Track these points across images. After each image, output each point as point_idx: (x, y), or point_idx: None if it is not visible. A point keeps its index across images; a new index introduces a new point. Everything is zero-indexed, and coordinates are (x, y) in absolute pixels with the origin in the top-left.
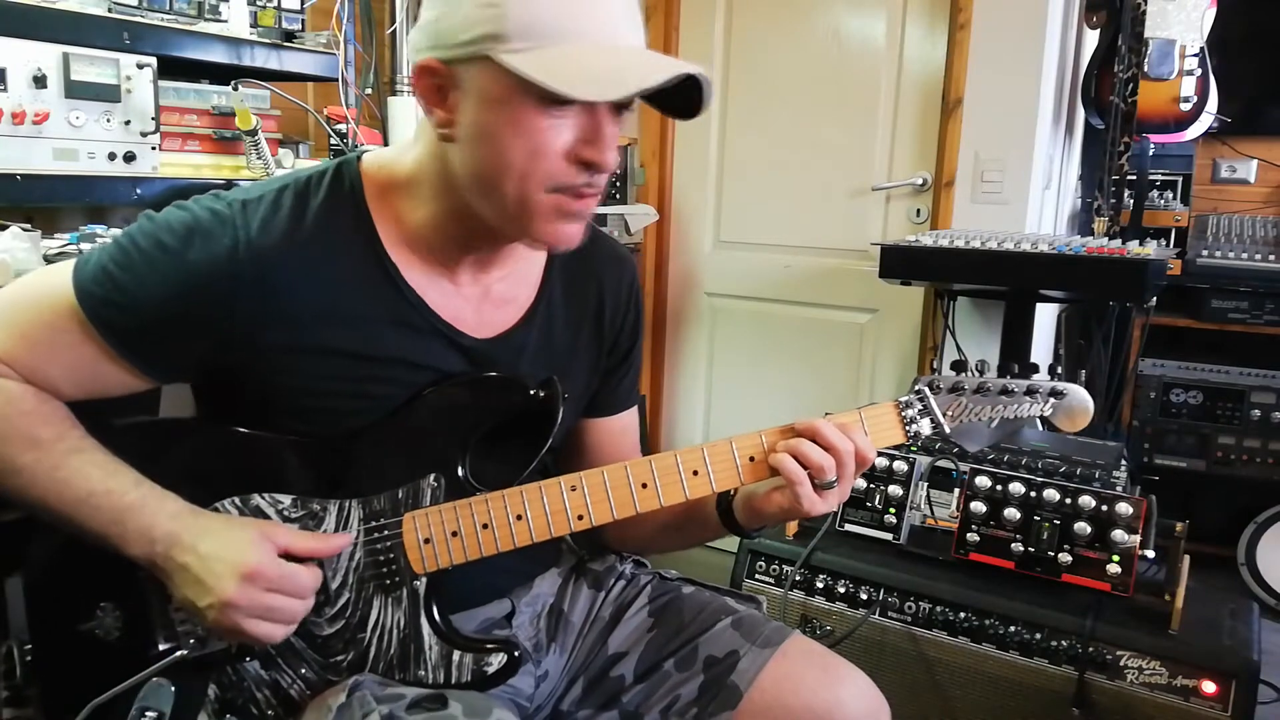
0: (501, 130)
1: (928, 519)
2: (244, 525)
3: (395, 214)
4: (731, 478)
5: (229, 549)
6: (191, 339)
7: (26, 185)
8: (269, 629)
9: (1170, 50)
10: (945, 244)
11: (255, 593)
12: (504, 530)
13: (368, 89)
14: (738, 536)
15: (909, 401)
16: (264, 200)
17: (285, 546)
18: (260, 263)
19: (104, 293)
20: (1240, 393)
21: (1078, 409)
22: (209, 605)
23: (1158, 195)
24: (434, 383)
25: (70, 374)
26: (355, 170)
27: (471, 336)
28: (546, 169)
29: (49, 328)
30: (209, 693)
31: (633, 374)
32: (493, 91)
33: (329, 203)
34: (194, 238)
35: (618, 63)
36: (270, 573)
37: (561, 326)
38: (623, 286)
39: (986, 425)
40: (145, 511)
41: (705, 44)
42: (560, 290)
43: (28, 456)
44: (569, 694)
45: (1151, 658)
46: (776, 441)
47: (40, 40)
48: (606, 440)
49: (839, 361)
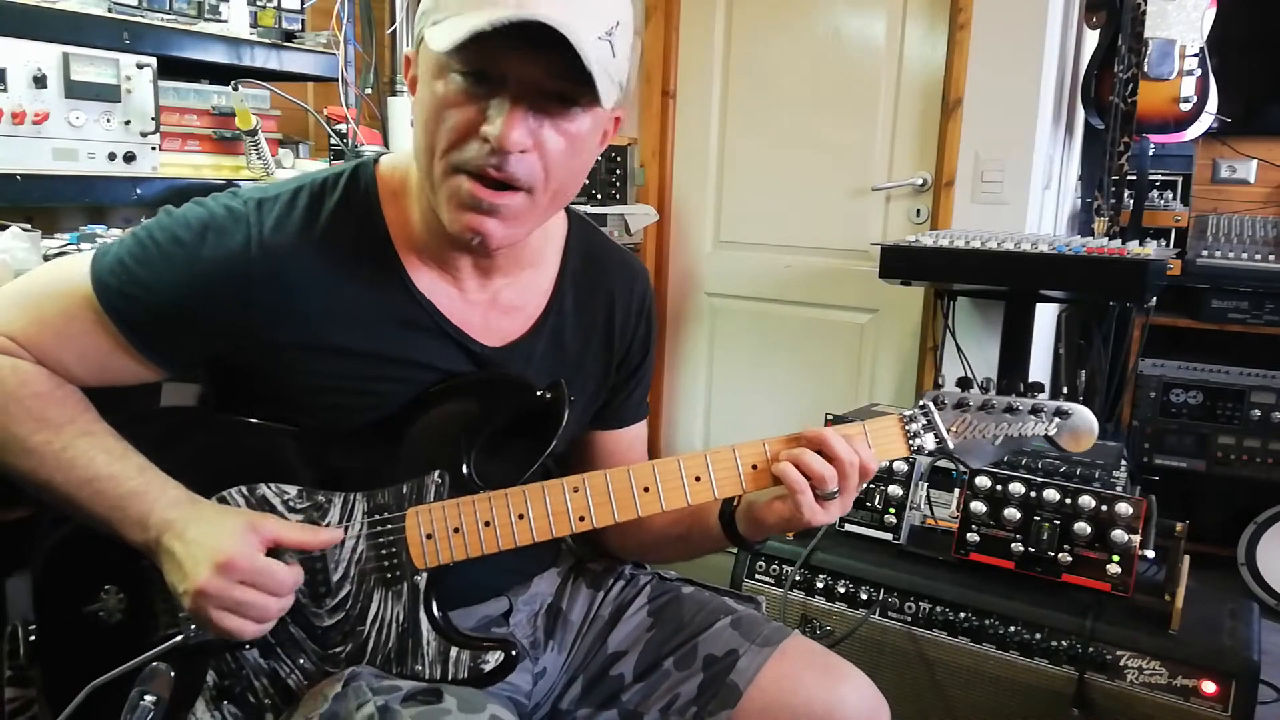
0: (421, 103)
1: (928, 519)
2: (235, 515)
3: (405, 217)
4: (734, 484)
5: (212, 537)
6: (203, 334)
7: (26, 185)
8: (238, 624)
9: (1170, 50)
10: (945, 244)
11: (227, 584)
12: (506, 529)
13: (368, 89)
14: (740, 549)
15: (913, 416)
16: (279, 200)
17: (274, 537)
18: (273, 261)
19: (119, 284)
20: (1240, 393)
21: (1083, 430)
22: (184, 592)
23: (1158, 195)
24: (441, 381)
25: (83, 361)
26: (371, 173)
27: (480, 343)
28: (445, 140)
29: (64, 314)
30: (207, 679)
31: (643, 388)
32: (424, 69)
33: (343, 205)
34: (208, 233)
35: (487, 14)
36: (244, 565)
37: (571, 337)
38: (634, 298)
39: (990, 443)
40: (146, 498)
41: (705, 44)
42: (571, 300)
43: (38, 437)
44: (568, 693)
45: (1151, 658)
46: (780, 450)
47: (40, 40)
48: (615, 453)
49: (839, 361)
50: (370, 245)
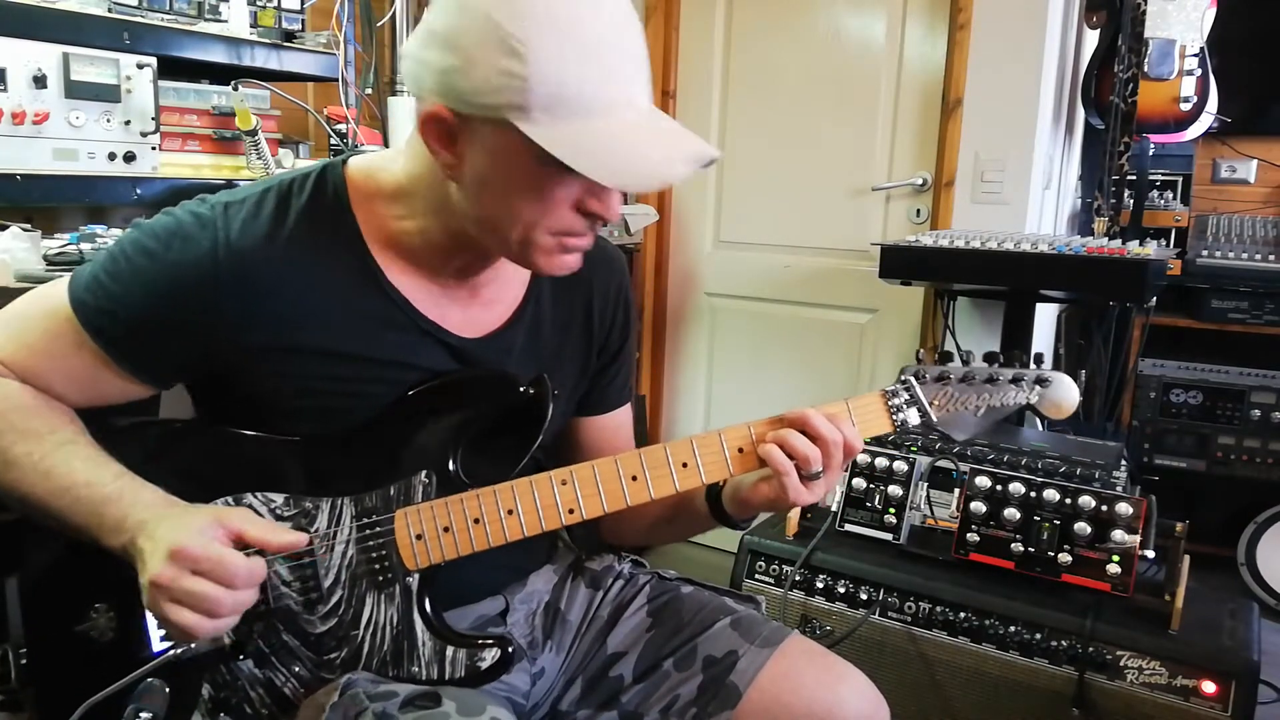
0: (512, 186)
1: (928, 519)
2: (203, 511)
3: (380, 219)
4: (720, 469)
5: (174, 531)
6: (180, 342)
7: (26, 185)
8: (192, 619)
9: (1170, 50)
10: (945, 244)
11: (178, 573)
12: (495, 525)
13: (368, 89)
14: (728, 527)
15: (895, 391)
16: (246, 203)
17: (238, 531)
18: (241, 264)
19: (96, 301)
20: (1240, 393)
21: (1063, 396)
22: (145, 586)
23: (1158, 195)
24: (425, 381)
25: (71, 382)
26: (340, 174)
27: (458, 336)
28: (553, 220)
29: (48, 335)
30: (203, 692)
31: (624, 373)
32: (507, 151)
33: (312, 205)
34: (175, 241)
35: (643, 150)
36: (197, 553)
37: (550, 326)
38: (611, 286)
39: (973, 414)
40: (122, 503)
41: (705, 44)
42: (549, 290)
43: (19, 449)
44: (568, 694)
45: (1151, 658)
46: (765, 432)
47: (40, 40)
48: (600, 438)
49: (839, 362)
50: (342, 244)
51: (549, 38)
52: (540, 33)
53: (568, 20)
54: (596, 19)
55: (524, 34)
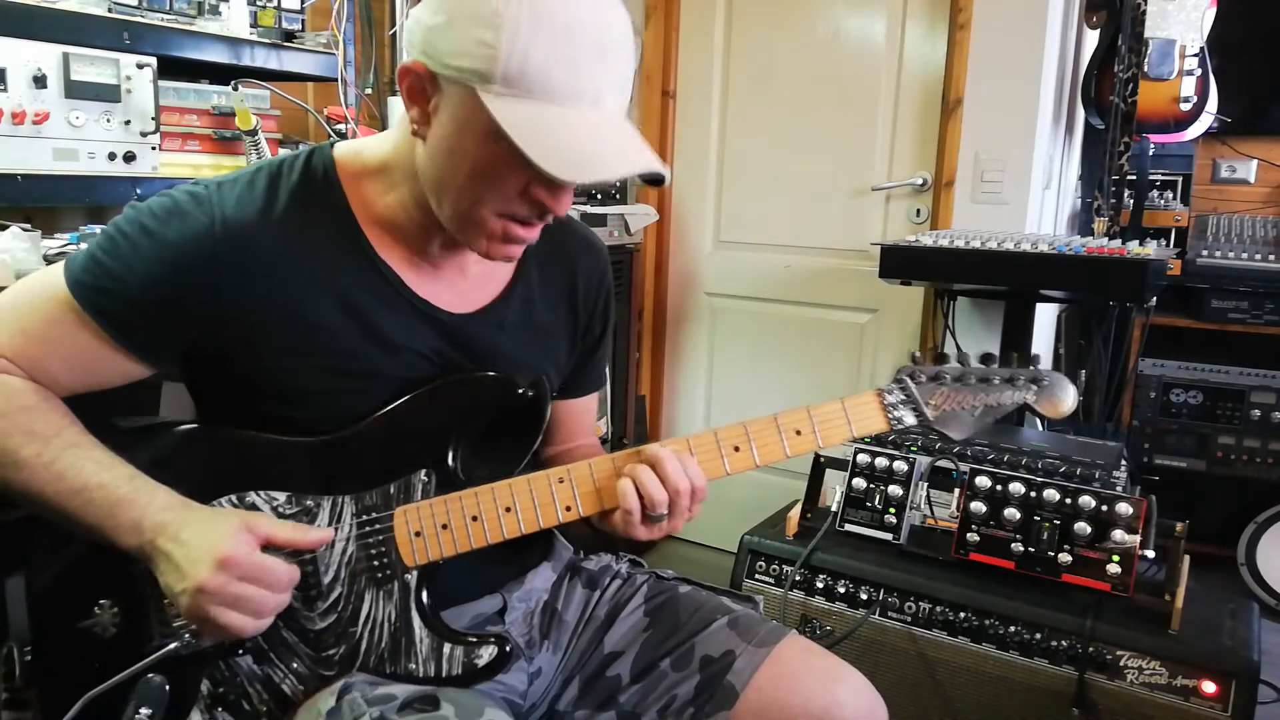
0: (467, 155)
1: (928, 519)
2: (228, 515)
3: (368, 197)
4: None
5: (208, 537)
6: (180, 320)
7: (26, 185)
8: (239, 620)
9: (1170, 50)
10: (945, 244)
11: (227, 580)
12: (493, 523)
13: (367, 89)
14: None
15: (890, 390)
16: (239, 181)
17: (267, 536)
18: (236, 239)
19: (93, 280)
20: (1240, 393)
21: (1060, 395)
22: (183, 590)
23: (1158, 195)
24: (425, 382)
25: (69, 366)
26: (328, 155)
27: (449, 312)
28: (499, 200)
29: (46, 320)
30: (202, 688)
31: (602, 359)
32: (468, 119)
33: (303, 183)
34: (172, 218)
35: (593, 147)
36: (244, 561)
37: (539, 304)
38: (595, 275)
39: (970, 414)
40: (137, 504)
41: (705, 44)
42: (536, 271)
43: (28, 450)
44: (565, 693)
45: (1151, 658)
46: (624, 465)
47: (40, 40)
48: (569, 419)
49: (839, 361)
50: (333, 222)
51: (525, 16)
52: (520, 10)
53: (551, 5)
54: (581, 14)
55: (505, 8)
